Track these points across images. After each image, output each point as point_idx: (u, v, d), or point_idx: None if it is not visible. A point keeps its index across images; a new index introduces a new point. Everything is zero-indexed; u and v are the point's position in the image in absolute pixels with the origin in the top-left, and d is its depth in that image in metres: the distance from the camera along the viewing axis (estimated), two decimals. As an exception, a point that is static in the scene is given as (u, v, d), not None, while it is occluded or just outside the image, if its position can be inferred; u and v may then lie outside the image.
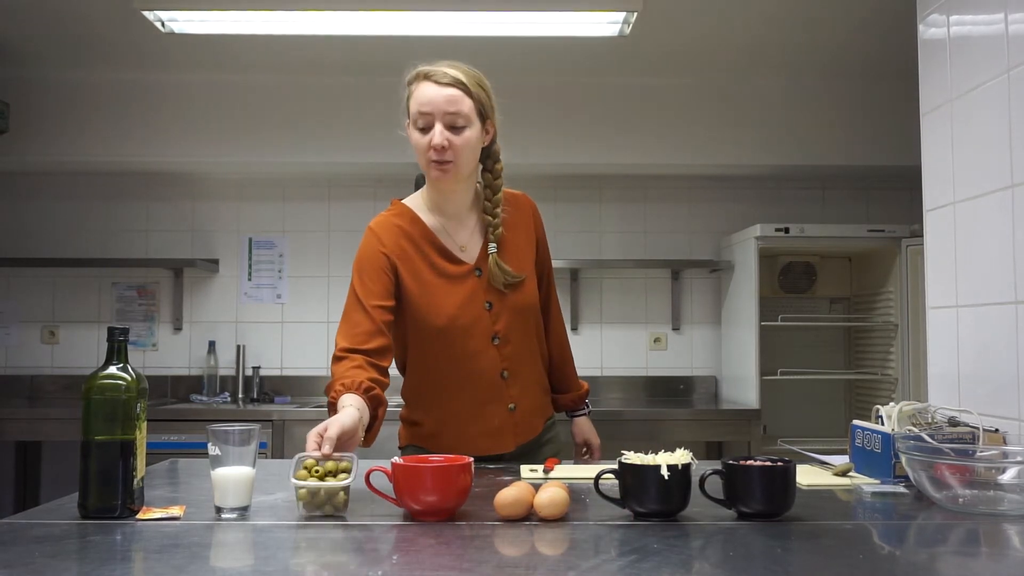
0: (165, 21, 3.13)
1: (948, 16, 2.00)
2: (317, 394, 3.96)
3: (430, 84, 1.75)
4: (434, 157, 1.77)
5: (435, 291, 1.83)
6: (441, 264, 1.85)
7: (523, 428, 1.92)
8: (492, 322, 1.85)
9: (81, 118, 3.77)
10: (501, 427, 1.88)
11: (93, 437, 1.31)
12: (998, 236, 1.77)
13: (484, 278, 1.85)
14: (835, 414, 3.90)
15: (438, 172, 1.79)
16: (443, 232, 1.87)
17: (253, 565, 1.12)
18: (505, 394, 1.88)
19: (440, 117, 1.74)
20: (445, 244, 1.86)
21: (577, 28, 3.21)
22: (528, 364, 1.93)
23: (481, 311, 1.84)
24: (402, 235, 1.85)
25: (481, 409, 1.87)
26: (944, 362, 1.97)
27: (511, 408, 1.89)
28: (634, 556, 1.11)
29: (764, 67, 3.70)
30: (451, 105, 1.73)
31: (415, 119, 1.77)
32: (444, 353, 1.84)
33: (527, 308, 1.90)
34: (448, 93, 1.74)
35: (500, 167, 1.91)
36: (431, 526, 1.29)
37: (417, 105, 1.75)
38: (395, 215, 1.90)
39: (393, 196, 2.02)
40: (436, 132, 1.74)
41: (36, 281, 4.06)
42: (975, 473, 1.42)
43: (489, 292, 1.85)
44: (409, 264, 1.83)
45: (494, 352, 1.85)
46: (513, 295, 1.87)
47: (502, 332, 1.85)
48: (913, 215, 3.32)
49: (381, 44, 3.40)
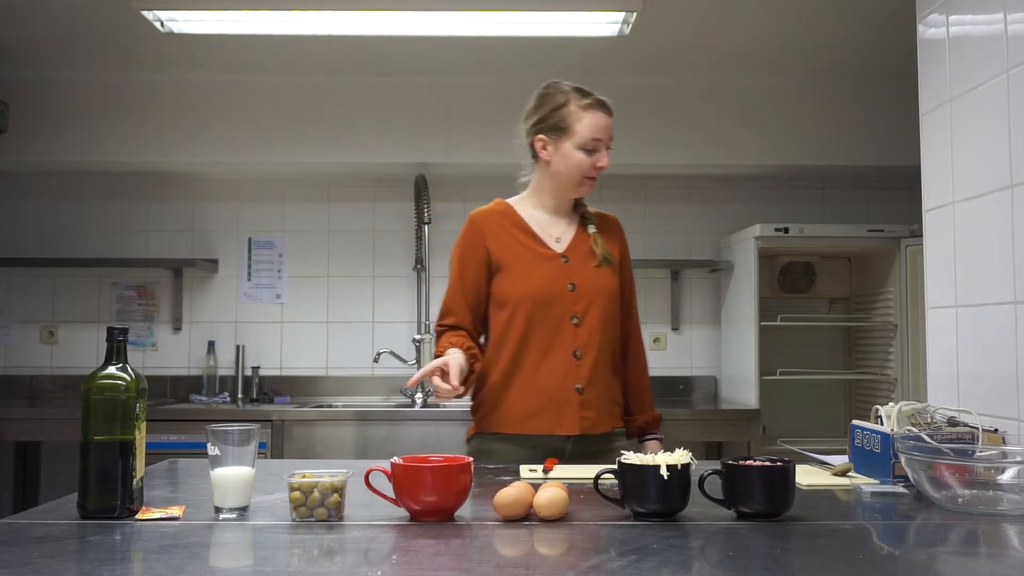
0: (165, 21, 3.13)
1: (947, 16, 2.00)
2: (317, 394, 3.96)
3: (602, 114, 2.02)
4: (592, 174, 2.02)
5: (523, 267, 2.02)
6: (531, 245, 2.05)
7: (589, 416, 1.98)
8: (572, 303, 1.99)
9: (81, 118, 3.77)
10: (567, 407, 1.96)
11: (92, 437, 1.31)
12: (997, 236, 1.77)
13: (570, 264, 2.03)
14: (835, 414, 3.90)
15: (589, 186, 2.05)
16: (537, 224, 2.08)
17: (252, 565, 1.12)
18: (575, 374, 1.98)
19: (605, 143, 2.02)
20: (537, 232, 2.07)
21: (577, 28, 3.21)
22: (601, 355, 2.01)
23: (564, 291, 2.00)
24: (497, 220, 2.08)
25: (550, 385, 1.97)
26: (943, 362, 1.97)
27: (578, 388, 1.97)
28: (634, 556, 1.11)
29: (764, 67, 3.70)
30: (610, 131, 2.04)
31: (586, 141, 1.99)
32: (524, 327, 1.98)
33: (608, 298, 2.03)
34: (609, 123, 2.04)
35: None
36: (431, 526, 1.29)
37: (591, 131, 2.00)
38: (493, 205, 2.13)
39: (391, 196, 2.07)
40: (604, 155, 2.02)
41: (36, 281, 4.06)
42: (974, 473, 1.42)
43: (573, 276, 2.02)
44: (501, 242, 2.04)
45: (571, 331, 1.98)
46: (596, 282, 2.02)
47: (581, 313, 1.99)
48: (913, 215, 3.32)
49: (381, 44, 3.40)
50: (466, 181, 4.01)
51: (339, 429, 3.34)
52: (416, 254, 3.91)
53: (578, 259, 2.04)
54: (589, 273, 2.03)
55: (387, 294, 4.06)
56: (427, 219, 3.81)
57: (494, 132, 3.81)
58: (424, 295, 3.95)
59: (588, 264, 2.04)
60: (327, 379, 4.01)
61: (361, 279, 4.08)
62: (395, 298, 4.06)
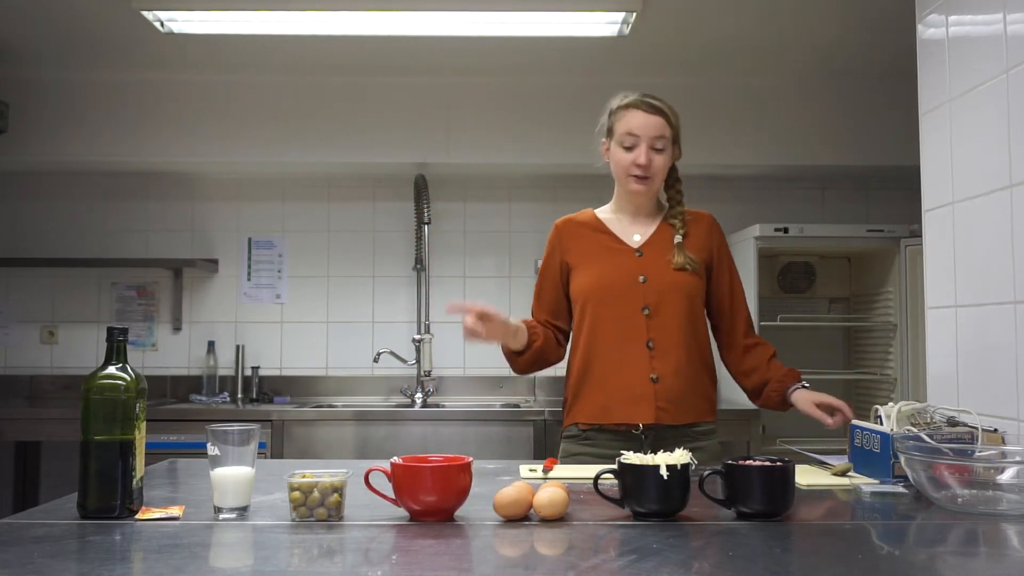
0: (164, 21, 3.13)
1: (947, 16, 2.00)
2: (317, 394, 3.96)
3: (640, 112, 2.03)
4: (636, 172, 2.03)
5: (594, 262, 2.08)
6: (606, 242, 2.10)
7: (665, 405, 1.99)
8: (644, 294, 2.02)
9: (81, 118, 3.77)
10: (642, 396, 1.99)
11: (92, 437, 1.31)
12: (997, 236, 1.77)
13: (644, 259, 2.06)
14: (835, 414, 3.89)
15: (637, 184, 2.05)
16: (617, 225, 2.13)
17: (252, 565, 1.12)
18: (649, 364, 2.00)
19: (646, 140, 2.02)
20: (615, 232, 2.11)
21: (577, 28, 3.21)
22: (677, 345, 2.02)
23: (635, 282, 2.03)
24: (576, 225, 2.15)
25: (625, 375, 2.00)
26: (943, 362, 1.97)
27: (653, 379, 1.99)
28: (634, 556, 1.11)
29: (764, 67, 3.70)
30: (656, 130, 2.03)
31: (622, 139, 2.04)
32: (598, 317, 2.04)
33: (684, 293, 2.04)
34: (656, 121, 2.03)
35: (680, 185, 2.16)
36: (431, 526, 1.29)
37: (627, 127, 2.03)
38: (578, 213, 2.19)
39: (391, 196, 2.08)
40: (642, 151, 2.01)
41: (35, 281, 4.06)
42: (974, 473, 1.42)
43: (646, 269, 2.05)
44: (577, 244, 2.11)
45: (642, 322, 2.02)
46: (672, 276, 2.04)
47: (653, 304, 2.02)
48: (912, 215, 3.32)
49: (381, 44, 3.40)
50: (466, 181, 4.01)
51: (339, 429, 3.34)
52: (416, 254, 3.91)
53: (654, 254, 2.06)
54: (663, 267, 2.04)
55: (387, 294, 4.06)
56: (427, 219, 3.81)
57: (494, 132, 3.83)
58: (424, 295, 3.95)
59: (665, 259, 2.05)
60: (327, 379, 4.01)
61: (361, 279, 4.08)
62: (395, 298, 4.06)
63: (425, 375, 3.82)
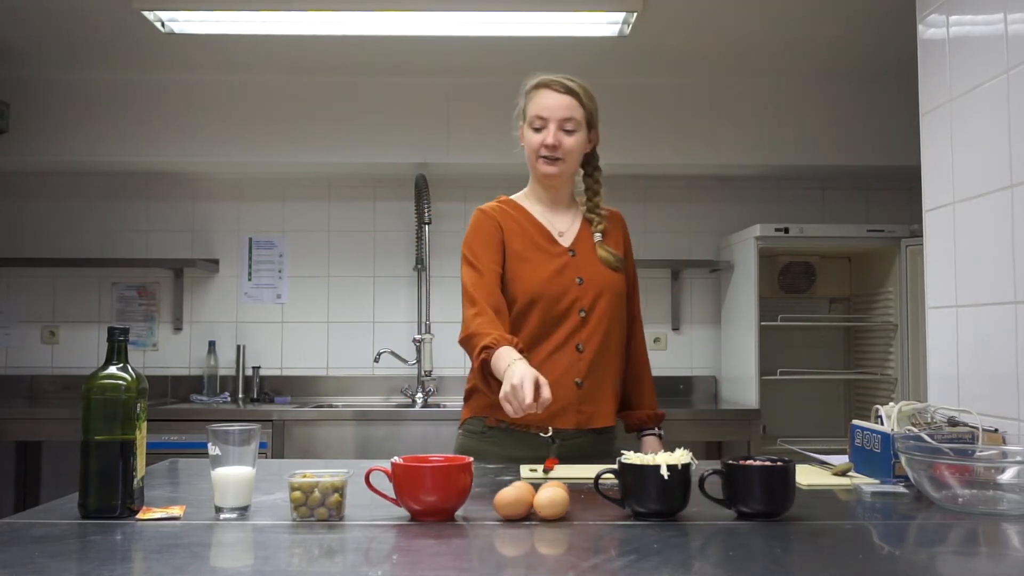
0: (165, 21, 3.13)
1: (947, 16, 2.00)
2: (317, 394, 3.96)
3: (549, 92, 1.99)
4: (545, 153, 1.99)
5: (533, 260, 2.00)
6: (540, 240, 2.03)
7: (587, 411, 1.97)
8: (580, 296, 1.98)
9: (81, 118, 3.77)
10: (565, 401, 1.94)
11: (93, 437, 1.31)
12: (998, 236, 1.77)
13: (577, 259, 2.02)
14: (835, 414, 3.90)
15: (547, 167, 2.00)
16: (543, 218, 2.07)
17: (253, 565, 1.12)
18: (576, 368, 1.96)
19: (555, 120, 1.97)
20: (545, 226, 2.06)
21: (577, 28, 3.21)
22: (604, 349, 2.00)
23: (572, 284, 1.99)
24: (508, 214, 2.06)
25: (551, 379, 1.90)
26: (944, 362, 1.97)
27: (577, 382, 1.96)
28: (634, 556, 1.11)
29: (764, 67, 3.70)
30: (565, 111, 1.97)
31: (532, 121, 2.00)
32: (534, 318, 1.97)
33: (616, 292, 2.03)
34: (565, 101, 1.98)
35: (599, 174, 2.11)
36: (431, 526, 1.29)
37: (536, 109, 1.99)
38: (500, 202, 2.11)
39: (392, 196, 2.07)
40: (550, 132, 1.97)
41: (36, 281, 4.06)
42: (974, 473, 1.42)
43: (581, 270, 2.01)
44: (513, 234, 2.03)
45: (577, 324, 1.97)
46: (604, 276, 2.01)
47: (588, 307, 1.98)
48: (912, 215, 3.33)
49: (381, 44, 3.40)
50: (466, 181, 4.01)
51: (339, 429, 3.34)
52: (416, 254, 3.91)
53: (584, 253, 2.04)
54: (596, 267, 2.02)
55: (387, 294, 4.06)
56: (427, 219, 3.81)
57: (494, 132, 3.81)
58: (424, 295, 3.95)
59: (594, 258, 2.03)
60: (327, 379, 4.01)
61: (361, 279, 4.08)
62: (395, 298, 4.06)
63: (426, 375, 3.82)
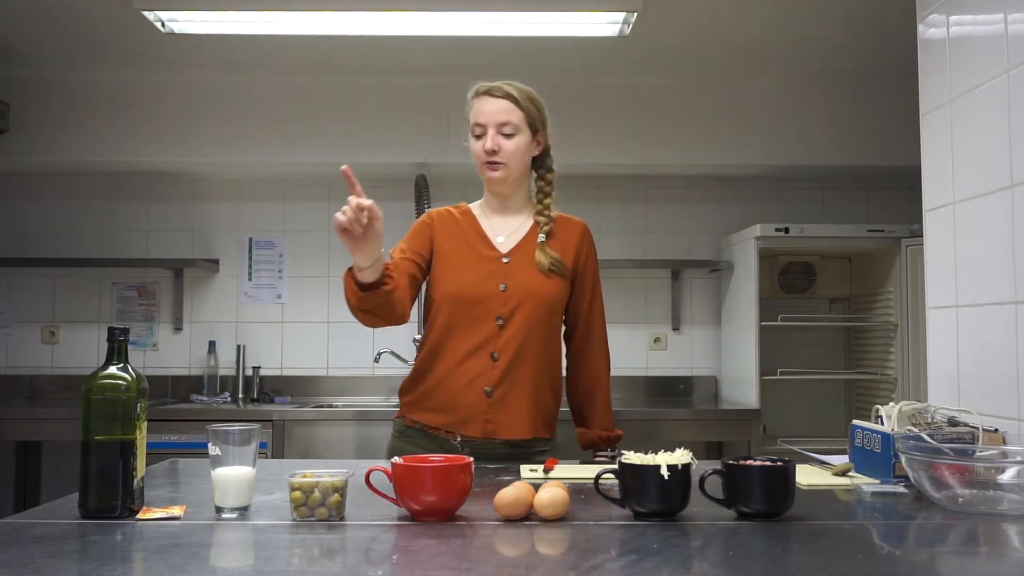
0: (165, 21, 3.13)
1: (948, 16, 2.00)
2: (317, 394, 3.96)
3: (487, 98, 2.02)
4: (486, 159, 2.01)
5: (461, 262, 2.01)
6: (475, 244, 2.04)
7: (496, 420, 1.93)
8: (501, 303, 1.96)
9: (81, 118, 3.77)
10: (473, 409, 1.93)
11: (93, 437, 1.31)
12: (998, 236, 1.77)
13: (510, 265, 2.00)
14: (835, 414, 3.90)
15: (491, 172, 2.02)
16: (488, 225, 2.08)
17: (253, 565, 1.12)
18: (487, 375, 1.94)
19: (492, 126, 1.99)
20: (486, 232, 2.06)
21: (577, 28, 3.21)
22: (523, 359, 1.96)
23: (494, 290, 1.97)
24: (451, 217, 2.10)
25: (461, 385, 1.94)
26: (944, 362, 1.97)
27: (487, 391, 1.93)
28: (634, 556, 1.11)
29: (764, 67, 3.70)
30: (503, 115, 2.00)
31: (472, 128, 2.04)
32: (450, 323, 1.97)
33: (542, 302, 1.98)
34: (501, 105, 2.00)
35: (551, 176, 2.14)
36: (431, 526, 1.29)
37: (475, 116, 2.03)
38: (453, 207, 2.15)
39: (392, 196, 2.09)
40: (488, 137, 1.99)
41: (36, 281, 4.06)
42: (975, 473, 1.42)
43: (509, 277, 1.98)
44: (448, 236, 2.05)
45: (493, 332, 1.95)
46: (534, 285, 1.98)
47: (507, 314, 1.96)
48: (913, 215, 3.32)
49: (381, 44, 3.40)
50: (466, 181, 3.97)
51: (339, 429, 3.35)
52: (416, 254, 3.91)
53: (521, 261, 2.00)
54: (528, 276, 1.98)
55: (387, 294, 4.06)
56: (427, 219, 3.81)
57: (494, 132, 3.83)
58: (424, 295, 3.95)
59: (531, 266, 1.99)
60: (327, 379, 4.01)
61: (361, 279, 4.08)
62: (395, 298, 4.05)
63: (425, 375, 3.81)
